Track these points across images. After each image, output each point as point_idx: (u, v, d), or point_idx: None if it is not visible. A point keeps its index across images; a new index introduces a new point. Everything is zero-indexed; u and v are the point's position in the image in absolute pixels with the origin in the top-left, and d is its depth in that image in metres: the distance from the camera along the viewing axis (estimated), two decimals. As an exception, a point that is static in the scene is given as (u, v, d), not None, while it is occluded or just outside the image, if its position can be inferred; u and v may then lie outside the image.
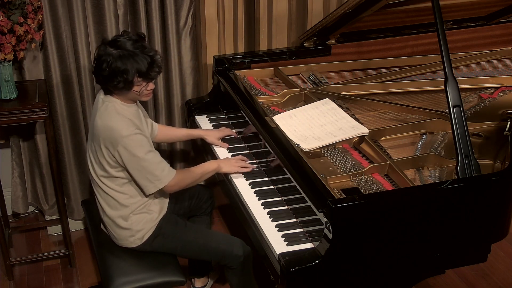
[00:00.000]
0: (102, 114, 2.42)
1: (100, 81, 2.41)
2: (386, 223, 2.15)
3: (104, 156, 2.42)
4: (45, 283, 3.16)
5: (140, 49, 2.37)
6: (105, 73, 2.35)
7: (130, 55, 2.34)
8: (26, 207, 3.49)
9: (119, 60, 2.33)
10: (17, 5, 2.73)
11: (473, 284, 3.12)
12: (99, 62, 2.36)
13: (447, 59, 2.38)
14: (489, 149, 2.57)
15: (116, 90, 2.41)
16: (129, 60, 2.34)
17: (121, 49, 2.35)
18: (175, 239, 2.59)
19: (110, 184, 2.48)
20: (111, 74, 2.34)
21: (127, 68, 2.33)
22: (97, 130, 2.42)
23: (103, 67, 2.34)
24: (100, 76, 2.38)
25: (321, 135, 2.62)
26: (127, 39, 2.38)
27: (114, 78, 2.34)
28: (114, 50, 2.35)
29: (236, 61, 3.23)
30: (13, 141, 3.30)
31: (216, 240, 2.63)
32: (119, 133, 2.36)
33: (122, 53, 2.34)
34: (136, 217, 2.52)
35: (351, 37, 3.34)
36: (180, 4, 3.24)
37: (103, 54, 2.35)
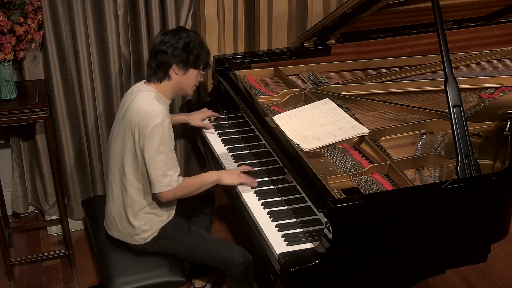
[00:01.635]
0: (141, 98, 2.45)
1: (167, 61, 2.43)
2: (386, 223, 2.15)
3: (135, 143, 2.41)
4: (45, 283, 3.16)
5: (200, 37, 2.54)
6: (177, 49, 2.41)
7: (197, 40, 2.47)
8: (26, 207, 3.49)
9: (192, 42, 2.45)
10: (17, 5, 2.73)
11: (473, 284, 3.12)
12: (168, 42, 2.42)
13: (447, 59, 2.39)
14: (489, 149, 2.57)
15: (180, 69, 2.45)
16: (198, 44, 2.47)
17: (187, 34, 2.46)
18: (178, 242, 2.59)
19: (131, 178, 2.46)
20: (184, 50, 2.42)
21: (198, 49, 2.46)
22: (132, 112, 2.42)
23: (176, 45, 2.41)
24: (170, 54, 2.42)
25: (321, 135, 2.62)
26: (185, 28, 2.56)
27: (187, 53, 2.43)
28: (183, 34, 2.45)
29: (236, 61, 3.23)
30: (13, 141, 3.30)
31: (218, 246, 2.62)
32: (153, 117, 2.37)
33: (191, 37, 2.46)
34: (145, 216, 2.51)
35: (351, 37, 3.34)
36: (180, 4, 3.24)
37: (172, 37, 2.43)
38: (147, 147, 2.38)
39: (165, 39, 2.44)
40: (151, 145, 2.37)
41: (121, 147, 2.47)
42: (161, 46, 2.43)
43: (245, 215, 2.50)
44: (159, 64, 2.45)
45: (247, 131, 2.89)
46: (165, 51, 2.43)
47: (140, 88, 2.51)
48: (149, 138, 2.37)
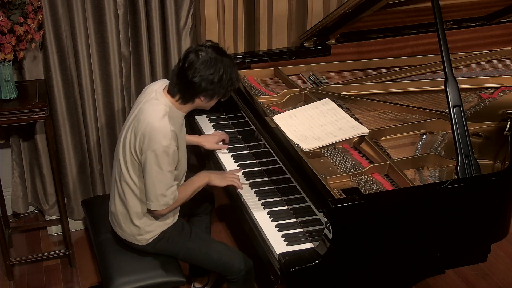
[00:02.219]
0: (153, 110, 2.36)
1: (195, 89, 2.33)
2: (386, 223, 2.15)
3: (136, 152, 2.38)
4: (45, 283, 3.16)
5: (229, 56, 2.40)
6: (214, 79, 2.31)
7: (227, 70, 2.35)
8: (26, 207, 3.49)
9: (233, 68, 2.37)
10: (17, 5, 2.73)
11: (473, 284, 3.12)
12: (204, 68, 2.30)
13: (447, 59, 2.39)
14: (489, 149, 2.57)
15: (205, 98, 2.37)
16: (236, 69, 2.39)
17: (228, 57, 2.37)
18: (179, 245, 2.58)
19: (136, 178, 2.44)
20: (219, 82, 2.33)
21: (236, 77, 2.39)
22: (140, 124, 2.36)
23: (212, 73, 2.30)
24: (203, 83, 2.31)
25: (321, 135, 2.62)
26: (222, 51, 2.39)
27: (222, 86, 2.34)
28: (225, 57, 2.35)
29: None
30: (13, 141, 3.30)
31: (218, 251, 2.61)
32: (159, 139, 2.30)
33: (221, 67, 2.33)
34: (150, 217, 2.50)
35: (351, 37, 3.34)
36: (180, 4, 3.24)
37: (209, 60, 2.30)
38: (148, 164, 2.34)
39: (199, 67, 2.30)
40: (152, 163, 2.33)
41: (125, 150, 2.44)
42: (194, 75, 2.30)
43: (245, 215, 2.50)
44: (187, 90, 2.36)
45: (247, 131, 2.89)
46: (197, 83, 2.31)
47: (158, 96, 2.40)
48: (152, 158, 2.33)
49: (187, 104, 2.40)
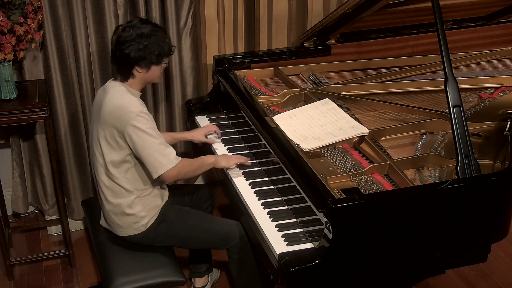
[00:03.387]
0: (113, 95, 2.45)
1: (129, 61, 2.42)
2: (386, 223, 2.15)
3: (115, 138, 2.42)
4: (45, 283, 3.16)
5: (159, 27, 2.50)
6: (138, 50, 2.39)
7: (157, 33, 2.44)
8: (26, 207, 3.49)
9: (151, 37, 2.41)
10: (17, 5, 2.73)
11: (473, 284, 3.12)
12: (127, 43, 2.39)
13: (447, 59, 2.38)
14: (489, 149, 2.57)
15: (143, 68, 2.44)
16: (159, 36, 2.45)
17: (146, 27, 2.43)
18: (179, 224, 2.60)
19: (116, 171, 2.48)
20: (145, 50, 2.40)
21: (160, 43, 2.43)
22: (107, 112, 2.42)
23: (135, 46, 2.39)
24: (132, 56, 2.40)
25: (321, 135, 2.62)
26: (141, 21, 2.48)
27: (149, 53, 2.41)
28: (142, 29, 2.42)
29: (236, 61, 3.23)
30: (13, 141, 3.30)
31: (219, 223, 2.67)
32: (129, 109, 2.39)
33: (150, 31, 2.42)
34: (141, 202, 2.53)
35: (351, 37, 3.34)
36: (180, 4, 3.24)
37: (132, 34, 2.40)
38: (135, 137, 2.40)
39: (124, 38, 2.41)
40: (139, 134, 2.39)
41: (101, 145, 2.48)
42: (121, 46, 2.41)
43: (245, 215, 2.50)
44: (121, 64, 2.46)
45: (247, 131, 2.89)
46: (125, 54, 2.41)
47: (109, 85, 2.51)
48: (134, 129, 2.39)
49: (128, 80, 2.48)
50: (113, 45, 2.45)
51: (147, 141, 2.40)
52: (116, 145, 2.45)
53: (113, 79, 2.54)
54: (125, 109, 2.40)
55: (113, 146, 2.45)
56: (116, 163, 2.48)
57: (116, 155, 2.46)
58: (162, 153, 2.43)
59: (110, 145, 2.45)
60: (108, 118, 2.42)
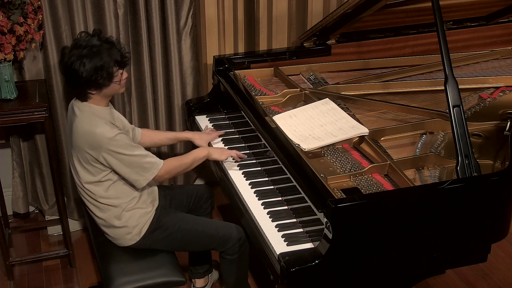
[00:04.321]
0: (81, 120, 2.40)
1: (79, 85, 2.36)
2: (386, 223, 2.15)
3: (89, 162, 2.40)
4: (45, 283, 3.16)
5: (104, 40, 2.38)
6: (84, 74, 2.31)
7: (101, 48, 2.33)
8: (27, 207, 3.49)
9: (95, 57, 2.31)
10: (17, 5, 2.73)
11: (473, 284, 3.12)
12: (72, 67, 2.32)
13: (447, 59, 2.38)
14: (489, 149, 2.57)
15: (95, 90, 2.37)
16: (103, 53, 2.33)
17: (89, 46, 2.33)
18: (175, 229, 2.59)
19: (96, 190, 2.47)
20: (90, 73, 2.31)
21: (105, 61, 2.33)
22: (78, 137, 2.40)
23: (81, 70, 2.30)
24: (79, 80, 2.33)
25: (321, 135, 2.62)
26: (86, 36, 2.39)
27: (95, 76, 2.32)
28: (84, 50, 2.32)
29: (236, 61, 3.23)
30: (13, 141, 3.30)
31: (214, 226, 2.65)
32: (103, 136, 2.34)
33: (93, 49, 2.32)
34: (129, 213, 2.52)
35: (351, 37, 3.34)
36: (180, 4, 3.24)
37: (74, 59, 2.32)
38: (111, 160, 2.38)
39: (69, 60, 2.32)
40: (115, 157, 2.37)
41: (77, 169, 2.46)
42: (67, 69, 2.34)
43: (245, 215, 2.50)
44: (73, 86, 2.40)
45: (247, 131, 2.89)
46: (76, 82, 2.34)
47: (76, 105, 2.44)
48: (110, 153, 2.36)
49: (86, 101, 2.42)
50: (62, 69, 2.38)
51: (125, 160, 2.39)
52: (92, 169, 2.43)
53: (76, 98, 2.46)
54: (97, 136, 2.35)
55: (88, 169, 2.43)
56: (95, 183, 2.46)
57: (92, 177, 2.45)
58: (142, 167, 2.42)
59: (85, 168, 2.44)
60: (81, 143, 2.39)
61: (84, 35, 2.40)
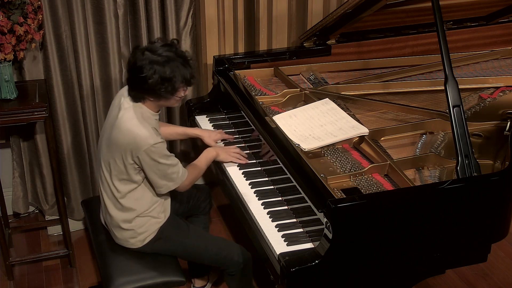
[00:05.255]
0: (128, 118, 2.38)
1: (140, 89, 2.36)
2: (386, 223, 2.15)
3: (125, 159, 2.39)
4: (45, 283, 3.16)
5: (180, 54, 2.36)
6: (150, 81, 2.30)
7: (174, 61, 2.32)
8: (27, 207, 3.49)
9: (166, 68, 2.30)
10: (17, 5, 2.73)
11: (473, 284, 3.12)
12: (140, 71, 2.30)
13: (447, 59, 2.39)
14: (489, 149, 2.57)
15: (154, 98, 2.37)
16: (175, 66, 2.32)
17: (164, 56, 2.32)
18: (177, 243, 2.59)
19: (122, 188, 2.47)
20: (156, 82, 2.30)
21: (175, 75, 2.32)
22: (120, 133, 2.39)
23: (148, 76, 2.29)
24: (143, 85, 2.32)
25: (321, 135, 2.62)
26: (163, 44, 2.36)
27: (160, 86, 2.31)
28: (158, 57, 2.31)
29: (236, 61, 3.23)
30: (13, 141, 3.30)
31: (217, 246, 2.63)
32: (146, 141, 2.34)
33: (167, 60, 2.31)
34: (141, 220, 2.51)
35: (351, 37, 3.34)
36: (180, 4, 3.24)
37: (145, 63, 2.29)
38: (147, 166, 2.39)
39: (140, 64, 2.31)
40: (152, 163, 2.38)
41: (109, 162, 2.45)
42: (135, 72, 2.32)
43: (245, 215, 2.50)
44: (133, 90, 2.39)
45: (247, 131, 2.89)
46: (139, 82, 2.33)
47: (125, 104, 2.43)
48: (147, 158, 2.37)
49: (139, 102, 2.42)
50: (129, 67, 2.37)
51: (157, 167, 2.40)
52: (124, 168, 2.42)
53: (128, 93, 2.44)
54: (139, 139, 2.35)
55: (121, 166, 2.42)
56: (124, 181, 2.46)
57: (124, 175, 2.44)
58: (170, 177, 2.44)
59: (118, 165, 2.43)
60: (120, 139, 2.38)
61: (161, 42, 2.37)
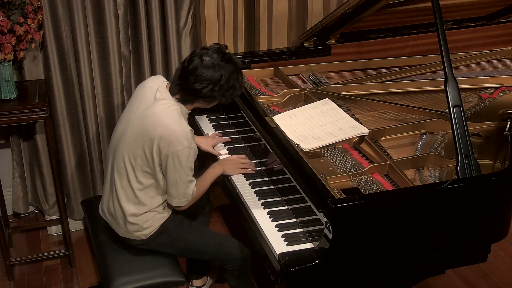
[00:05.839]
0: (164, 111, 2.38)
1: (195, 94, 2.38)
2: (386, 223, 2.15)
3: (154, 153, 2.38)
4: (45, 283, 3.16)
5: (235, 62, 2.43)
6: (214, 88, 2.35)
7: (237, 73, 2.41)
8: (27, 207, 3.49)
9: (237, 75, 2.41)
10: (17, 5, 2.73)
11: (473, 284, 3.12)
12: (206, 79, 2.34)
13: (447, 59, 2.39)
14: (489, 149, 2.57)
15: (205, 102, 2.43)
16: (240, 76, 2.43)
17: (233, 63, 2.39)
18: (178, 238, 2.59)
19: (143, 180, 2.45)
20: (219, 91, 2.37)
21: (237, 85, 2.41)
22: (152, 124, 2.37)
23: (213, 83, 2.35)
24: (204, 90, 2.35)
25: (321, 135, 2.62)
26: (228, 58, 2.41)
27: (221, 95, 2.39)
28: (229, 65, 2.38)
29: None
30: (13, 141, 3.30)
31: (217, 241, 2.65)
32: (180, 139, 2.34)
33: (235, 70, 2.39)
34: (147, 215, 2.52)
35: (351, 37, 3.34)
36: (180, 4, 3.24)
37: (212, 73, 2.34)
38: (171, 165, 2.38)
39: (202, 74, 2.34)
40: (176, 165, 2.38)
41: (135, 152, 2.43)
42: (195, 80, 2.35)
43: (245, 215, 2.50)
44: (188, 93, 2.41)
45: (247, 131, 2.89)
46: (198, 90, 2.36)
47: (163, 95, 2.43)
48: (174, 158, 2.36)
49: (187, 105, 2.46)
50: (187, 69, 2.37)
51: (179, 174, 2.40)
52: (151, 160, 2.41)
53: (170, 89, 2.45)
54: (176, 137, 2.34)
55: (148, 159, 2.41)
56: (146, 174, 2.45)
57: (149, 168, 2.43)
58: (184, 191, 2.45)
59: (146, 157, 2.41)
60: (154, 134, 2.36)
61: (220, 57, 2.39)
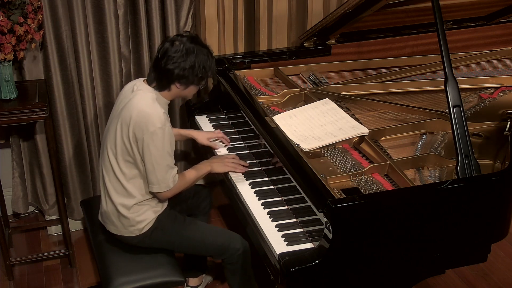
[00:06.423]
0: (141, 99, 2.44)
1: (170, 75, 2.42)
2: (386, 223, 2.15)
3: (131, 138, 2.42)
4: (45, 283, 3.16)
5: (206, 46, 2.48)
6: (186, 66, 2.39)
7: (206, 52, 2.45)
8: (27, 207, 3.49)
9: (207, 56, 2.45)
10: (17, 5, 2.73)
11: (473, 284, 3.12)
12: (177, 56, 2.39)
13: (447, 59, 2.39)
14: (489, 149, 2.57)
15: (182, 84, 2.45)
16: (209, 57, 2.46)
17: (193, 45, 2.42)
18: (173, 233, 2.60)
19: (126, 170, 2.48)
20: (191, 68, 2.41)
21: (210, 66, 2.46)
22: (128, 114, 2.42)
23: (184, 60, 2.39)
24: (176, 70, 2.40)
25: (321, 135, 2.62)
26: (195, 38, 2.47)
27: (194, 73, 2.42)
28: (190, 45, 2.41)
29: (236, 61, 3.23)
30: (13, 141, 3.30)
31: (213, 234, 2.65)
32: (153, 121, 2.38)
33: (202, 49, 2.44)
34: (138, 208, 2.53)
35: (351, 37, 3.34)
36: (180, 4, 3.24)
37: (181, 49, 2.40)
38: (146, 148, 2.40)
39: (172, 55, 2.40)
40: (151, 148, 2.39)
41: (116, 142, 2.47)
42: (167, 62, 2.40)
43: (245, 215, 2.50)
44: (162, 77, 2.45)
45: (247, 131, 2.89)
46: (169, 69, 2.41)
47: (140, 87, 2.50)
48: (149, 141, 2.38)
49: (163, 91, 2.49)
50: (159, 55, 2.43)
51: (155, 158, 2.41)
52: (130, 147, 2.44)
53: (146, 81, 2.52)
54: (148, 119, 2.38)
55: (127, 146, 2.45)
56: (128, 163, 2.48)
57: (129, 156, 2.46)
58: (163, 176, 2.45)
59: (124, 145, 2.45)
60: (129, 120, 2.41)
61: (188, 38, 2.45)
